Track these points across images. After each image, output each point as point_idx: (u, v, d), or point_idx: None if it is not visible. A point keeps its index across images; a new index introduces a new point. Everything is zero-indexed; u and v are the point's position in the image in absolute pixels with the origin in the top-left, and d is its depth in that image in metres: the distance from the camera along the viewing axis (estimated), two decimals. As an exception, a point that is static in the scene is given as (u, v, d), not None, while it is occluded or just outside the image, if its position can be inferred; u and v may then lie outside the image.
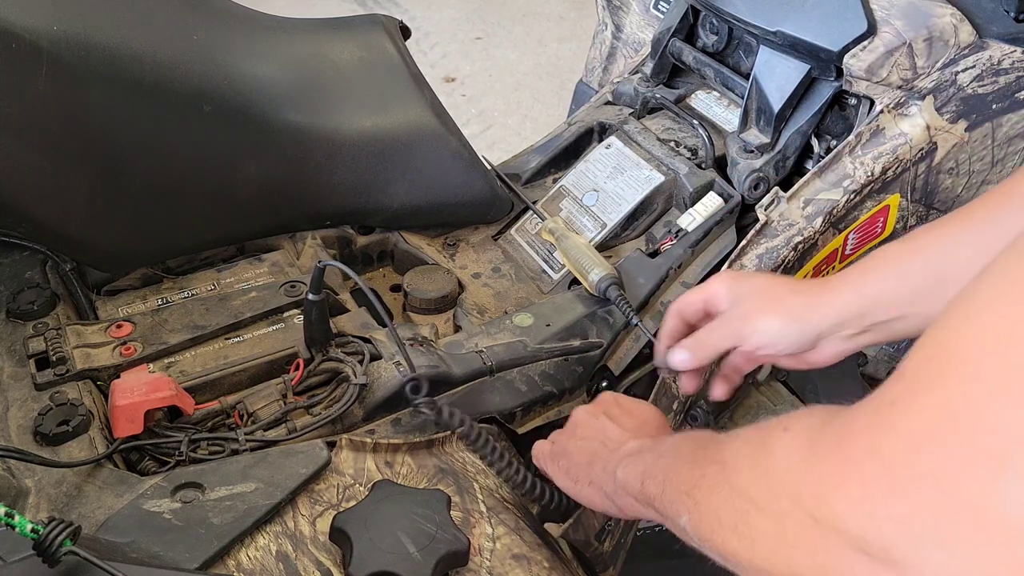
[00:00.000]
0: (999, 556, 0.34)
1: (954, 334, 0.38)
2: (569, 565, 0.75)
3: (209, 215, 0.95)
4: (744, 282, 0.80)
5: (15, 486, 0.68)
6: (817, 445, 0.45)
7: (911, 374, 0.40)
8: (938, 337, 0.39)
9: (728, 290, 0.80)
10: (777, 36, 0.97)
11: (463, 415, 0.80)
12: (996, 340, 0.35)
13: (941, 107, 0.93)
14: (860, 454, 0.40)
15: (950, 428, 0.36)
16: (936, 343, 0.40)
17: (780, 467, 0.47)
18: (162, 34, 0.85)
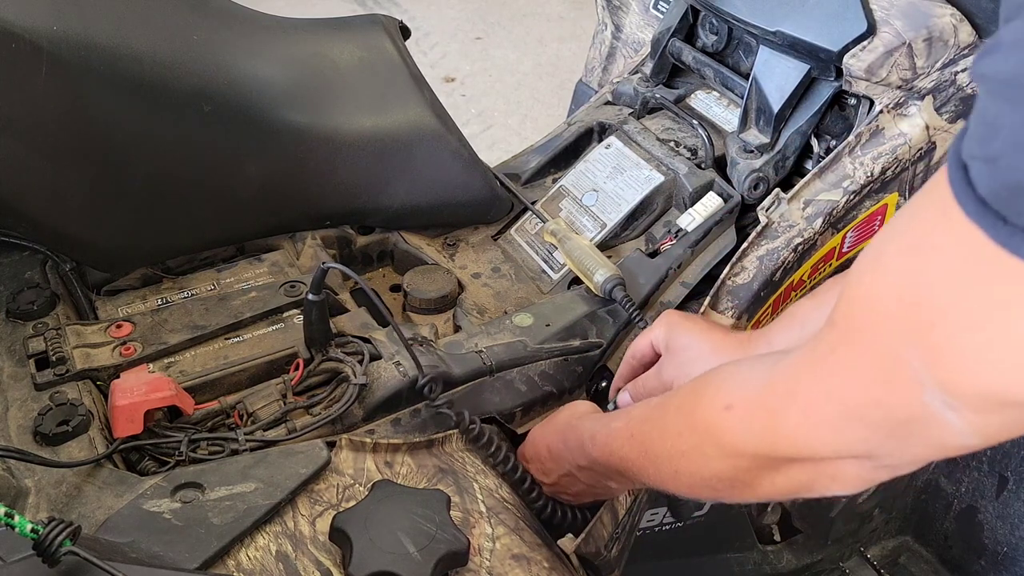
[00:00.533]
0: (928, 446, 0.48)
1: (868, 287, 0.47)
2: (569, 565, 0.75)
3: (209, 215, 0.95)
4: (682, 329, 0.83)
5: (15, 486, 0.68)
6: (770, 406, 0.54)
7: (841, 325, 0.49)
8: (856, 289, 0.48)
9: (667, 335, 0.84)
10: (777, 36, 0.97)
11: (472, 415, 0.81)
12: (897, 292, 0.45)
13: (940, 107, 0.93)
14: (816, 398, 0.51)
15: (879, 367, 0.46)
16: (854, 295, 0.48)
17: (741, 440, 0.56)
18: (162, 34, 0.85)
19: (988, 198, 0.39)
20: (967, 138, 0.41)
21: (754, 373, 0.57)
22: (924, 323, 0.43)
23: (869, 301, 0.47)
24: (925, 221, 0.44)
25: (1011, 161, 0.38)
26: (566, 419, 0.81)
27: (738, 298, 0.94)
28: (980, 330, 0.41)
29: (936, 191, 0.42)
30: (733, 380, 0.59)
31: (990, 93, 0.40)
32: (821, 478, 0.54)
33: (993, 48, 0.40)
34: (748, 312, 0.94)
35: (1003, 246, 0.38)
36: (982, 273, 0.40)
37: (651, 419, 0.67)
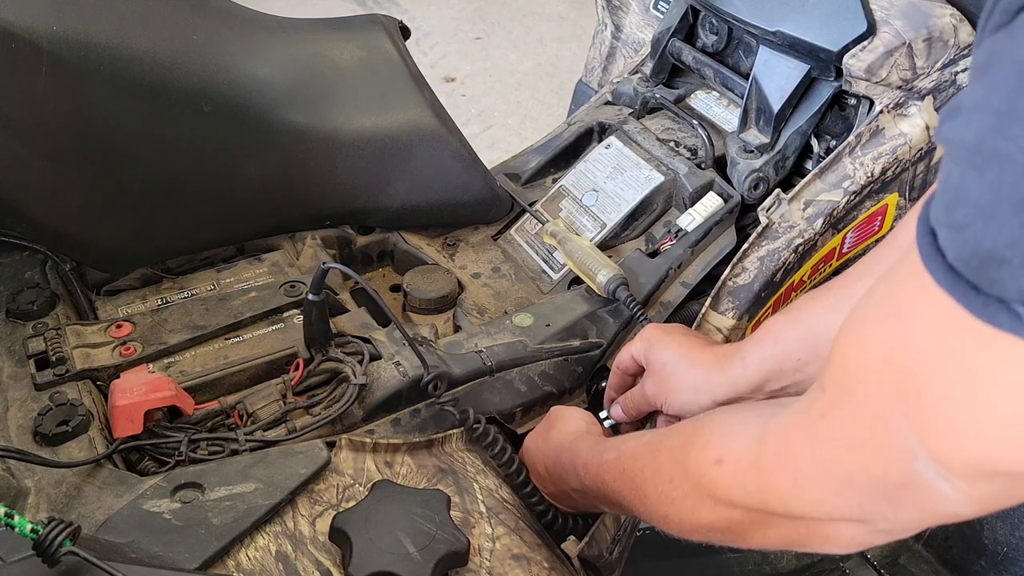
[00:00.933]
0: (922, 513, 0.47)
1: (854, 354, 0.48)
2: (569, 566, 0.75)
3: (209, 215, 0.95)
4: (661, 345, 0.83)
5: (15, 486, 0.68)
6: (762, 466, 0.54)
7: (831, 391, 0.49)
8: (843, 356, 0.48)
9: (646, 350, 0.84)
10: (777, 36, 0.97)
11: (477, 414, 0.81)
12: (883, 360, 0.45)
13: (941, 107, 0.93)
14: (807, 463, 0.51)
15: (869, 435, 0.46)
16: (842, 361, 0.48)
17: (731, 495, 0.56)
18: (162, 34, 0.85)
19: (958, 266, 0.38)
20: (934, 203, 0.40)
21: (745, 428, 0.57)
22: (911, 392, 0.43)
23: (856, 368, 0.47)
24: (903, 286, 0.44)
25: (978, 230, 0.36)
26: (559, 439, 0.80)
27: (739, 299, 0.94)
28: (964, 400, 0.41)
29: (912, 256, 0.42)
30: (724, 432, 0.59)
31: (954, 158, 0.39)
32: (814, 537, 0.54)
33: (954, 112, 0.39)
34: (749, 313, 0.94)
35: (977, 316, 0.37)
36: (960, 343, 0.39)
37: (643, 457, 0.67)
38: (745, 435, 0.56)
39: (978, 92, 0.37)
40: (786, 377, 0.77)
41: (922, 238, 0.40)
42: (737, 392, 0.79)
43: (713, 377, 0.79)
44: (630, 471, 0.67)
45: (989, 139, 0.36)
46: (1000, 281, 0.36)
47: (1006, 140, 0.35)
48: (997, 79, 0.36)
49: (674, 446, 0.63)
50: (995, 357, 0.38)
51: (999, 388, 0.39)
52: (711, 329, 0.93)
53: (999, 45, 0.37)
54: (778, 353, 0.76)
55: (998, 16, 0.37)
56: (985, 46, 0.38)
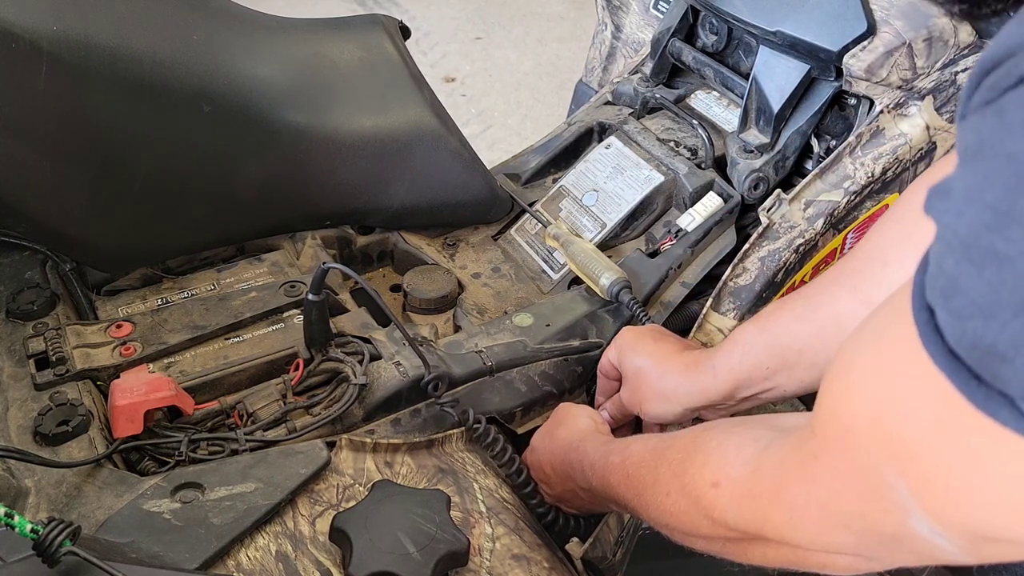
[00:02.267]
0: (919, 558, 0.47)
1: (840, 403, 0.47)
2: (569, 566, 0.75)
3: (209, 215, 0.95)
4: (633, 353, 0.85)
5: (15, 486, 0.68)
6: (757, 496, 0.54)
7: (821, 433, 0.49)
8: (830, 401, 0.48)
9: (620, 356, 0.86)
10: (777, 36, 0.97)
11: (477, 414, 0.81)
12: (872, 417, 0.44)
13: (941, 107, 0.93)
14: (801, 501, 0.51)
15: (862, 485, 0.46)
16: (830, 407, 0.48)
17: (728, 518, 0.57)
18: (162, 34, 0.85)
19: (959, 351, 0.36)
20: (928, 280, 0.38)
21: (741, 453, 0.57)
22: (904, 455, 0.42)
23: (844, 418, 0.46)
24: (893, 345, 0.42)
25: (978, 326, 0.35)
26: (568, 437, 0.80)
27: (740, 299, 0.94)
28: (964, 475, 0.40)
29: (903, 316, 0.40)
30: (720, 455, 0.59)
31: (947, 245, 0.37)
32: (811, 563, 0.54)
33: (944, 193, 0.37)
34: (751, 313, 0.94)
35: (979, 408, 0.36)
36: (958, 425, 0.38)
37: (645, 465, 0.67)
38: (741, 461, 0.57)
39: (969, 179, 0.36)
40: (755, 385, 0.78)
41: (919, 313, 0.39)
42: (708, 400, 0.80)
43: (684, 386, 0.80)
44: (634, 476, 0.68)
45: (985, 236, 0.34)
46: (1003, 377, 0.35)
47: (1004, 241, 0.34)
48: (989, 170, 0.35)
49: (673, 460, 0.63)
50: (997, 448, 0.37)
51: (1003, 476, 0.38)
52: (712, 330, 0.93)
53: (989, 129, 0.35)
54: (747, 362, 0.77)
55: (985, 92, 0.36)
56: (972, 124, 0.37)
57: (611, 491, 0.71)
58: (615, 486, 0.70)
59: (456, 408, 0.82)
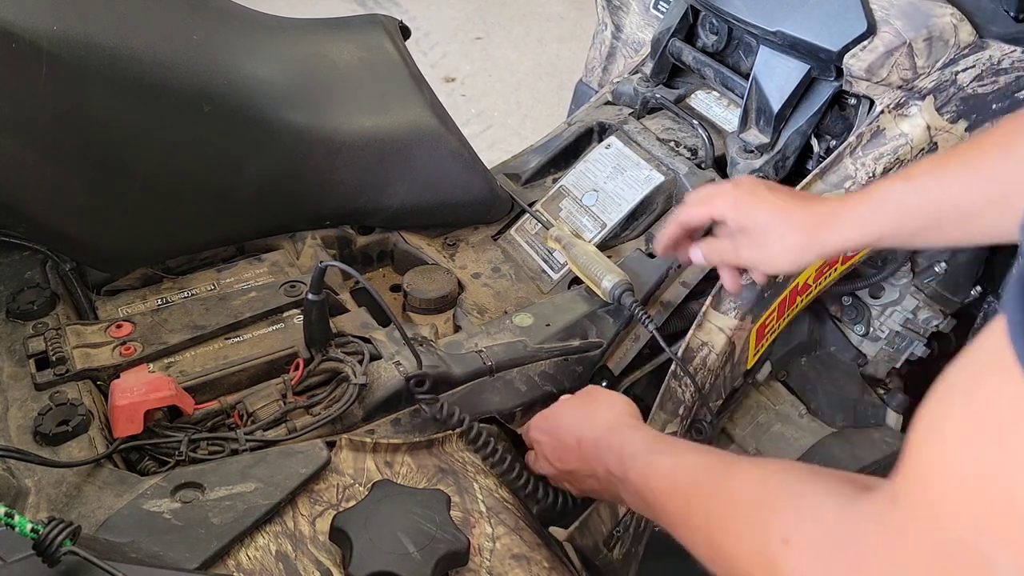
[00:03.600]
0: None
1: (933, 468, 0.42)
2: (569, 565, 0.75)
3: (209, 215, 0.95)
4: (756, 210, 0.82)
5: (15, 486, 0.68)
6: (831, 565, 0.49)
7: (905, 503, 0.45)
8: (918, 467, 0.44)
9: (736, 213, 0.83)
10: (777, 36, 0.97)
11: (463, 414, 0.81)
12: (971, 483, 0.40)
13: (941, 107, 0.93)
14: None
15: (952, 559, 0.41)
16: (918, 473, 0.44)
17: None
18: (162, 34, 0.85)
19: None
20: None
21: (819, 513, 0.53)
22: (1009, 519, 0.38)
23: (933, 486, 0.42)
24: (993, 397, 0.39)
25: None
26: (609, 419, 0.78)
27: (741, 299, 0.93)
28: None
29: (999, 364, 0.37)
30: (796, 511, 0.54)
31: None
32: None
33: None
34: (752, 314, 0.94)
35: None
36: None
37: (701, 487, 0.63)
38: (818, 522, 0.52)
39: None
40: (899, 239, 0.77)
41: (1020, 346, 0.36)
42: (844, 249, 0.80)
43: (820, 235, 0.79)
44: (683, 493, 0.64)
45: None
46: None
47: None
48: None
49: (738, 498, 0.59)
50: None
51: None
52: (712, 328, 0.93)
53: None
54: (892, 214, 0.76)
55: None
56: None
57: (648, 492, 0.67)
58: (656, 491, 0.66)
59: (434, 407, 0.81)
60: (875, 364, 1.18)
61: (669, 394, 0.93)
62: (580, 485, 0.79)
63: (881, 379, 1.19)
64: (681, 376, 0.92)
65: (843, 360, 1.16)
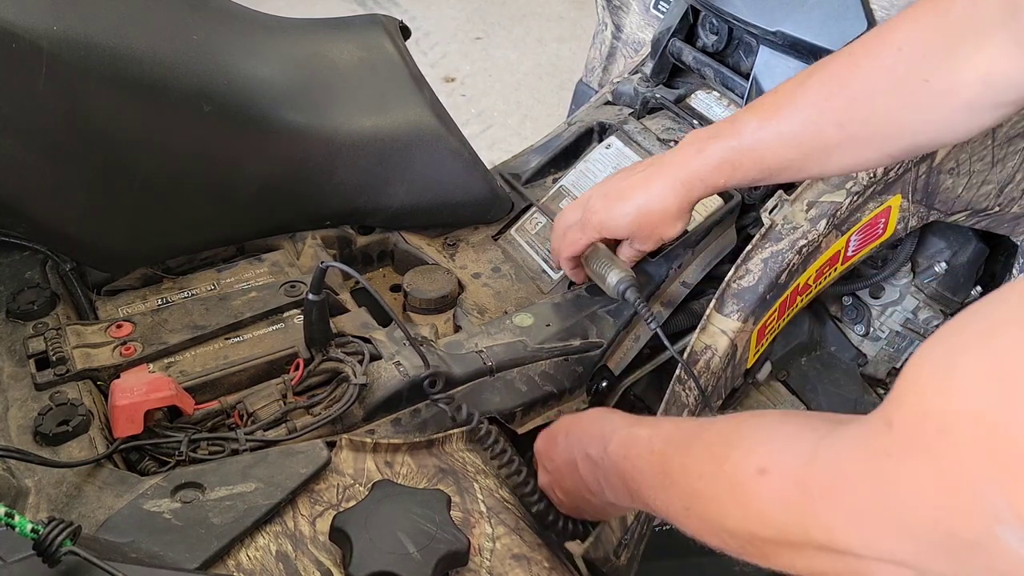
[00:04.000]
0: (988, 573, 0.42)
1: (937, 404, 0.42)
2: (569, 566, 0.75)
3: (209, 215, 0.95)
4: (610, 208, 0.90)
5: (15, 486, 0.68)
6: (810, 489, 0.49)
7: (901, 432, 0.44)
8: (921, 401, 0.43)
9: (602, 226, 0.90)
10: (777, 36, 0.97)
11: (481, 415, 0.81)
12: (976, 423, 0.40)
13: (941, 107, 0.93)
14: (865, 502, 0.46)
15: (947, 493, 0.42)
16: (920, 407, 0.44)
17: (769, 511, 0.52)
18: (162, 34, 0.85)
19: None
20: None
21: (796, 442, 0.52)
22: (1009, 459, 0.39)
23: (939, 417, 0.42)
24: (1013, 342, 0.39)
25: None
26: (598, 412, 0.78)
27: (743, 301, 0.93)
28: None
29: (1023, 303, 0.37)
30: (771, 442, 0.54)
31: None
32: (849, 575, 0.49)
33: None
34: (755, 315, 0.94)
35: None
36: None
37: (677, 443, 0.62)
38: (795, 450, 0.52)
39: None
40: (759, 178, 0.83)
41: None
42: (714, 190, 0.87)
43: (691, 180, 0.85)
44: (659, 452, 0.63)
45: None
46: None
47: None
48: None
49: (714, 441, 0.59)
50: None
51: None
52: (716, 332, 0.93)
53: None
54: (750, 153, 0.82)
55: None
56: None
57: (627, 463, 0.66)
58: (634, 458, 0.65)
59: (452, 405, 0.81)
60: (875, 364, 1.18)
61: (674, 398, 0.93)
62: (563, 484, 0.78)
63: (881, 379, 1.19)
64: (685, 380, 0.92)
65: (843, 360, 1.17)
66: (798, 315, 1.07)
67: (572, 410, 0.94)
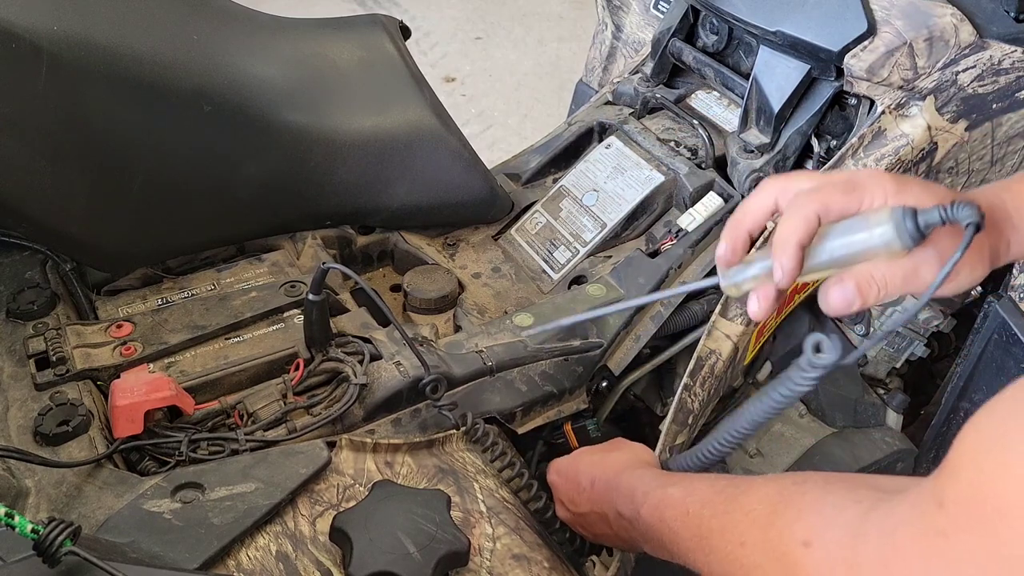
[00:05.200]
0: None
1: (994, 481, 0.41)
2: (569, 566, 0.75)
3: (209, 215, 0.95)
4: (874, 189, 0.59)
5: (15, 486, 0.68)
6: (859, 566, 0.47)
7: (955, 509, 0.42)
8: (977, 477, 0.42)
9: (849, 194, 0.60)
10: (777, 36, 0.97)
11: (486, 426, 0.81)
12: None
13: (942, 107, 0.93)
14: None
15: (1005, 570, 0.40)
16: (975, 483, 0.42)
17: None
18: (162, 34, 0.85)
19: None
20: None
21: (841, 513, 0.51)
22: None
23: (996, 500, 0.40)
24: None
25: None
26: (624, 462, 0.75)
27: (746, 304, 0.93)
28: None
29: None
30: (816, 512, 0.52)
31: None
32: None
33: None
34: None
35: None
36: None
37: (714, 506, 0.61)
38: (841, 522, 0.50)
39: None
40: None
41: None
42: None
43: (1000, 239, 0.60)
44: (696, 516, 0.61)
45: None
46: None
47: None
48: None
49: (756, 510, 0.57)
50: None
51: None
52: (721, 336, 0.93)
53: None
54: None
55: None
56: None
57: (661, 526, 0.65)
58: (669, 521, 0.64)
59: (455, 412, 0.82)
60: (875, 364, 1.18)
61: (680, 405, 0.92)
62: (592, 529, 0.77)
63: (881, 379, 1.19)
64: (691, 387, 0.91)
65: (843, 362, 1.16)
66: (798, 315, 1.06)
67: (572, 410, 0.94)
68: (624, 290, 0.97)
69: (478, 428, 0.80)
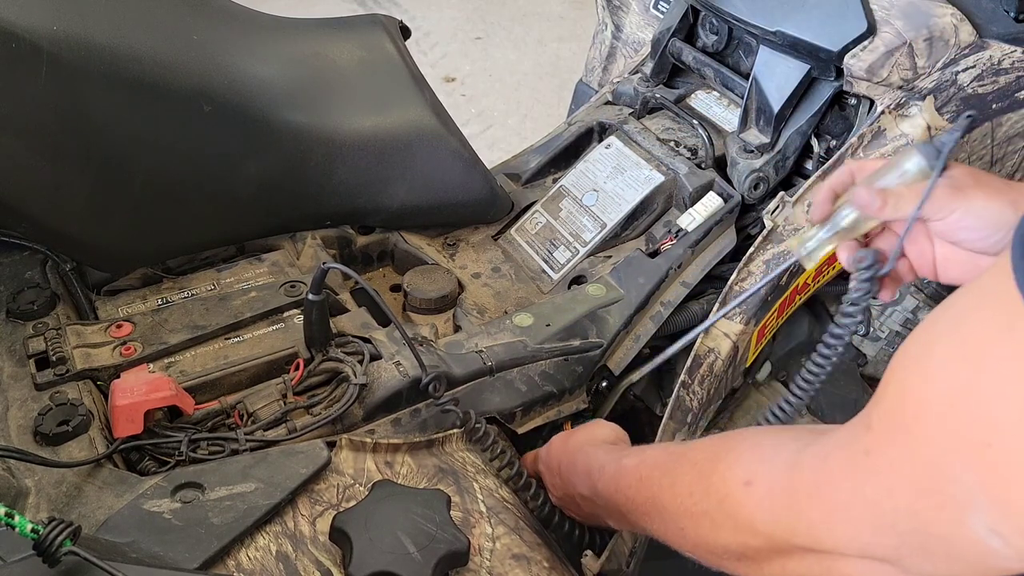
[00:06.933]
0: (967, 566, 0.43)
1: (914, 392, 0.44)
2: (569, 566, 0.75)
3: (209, 215, 0.95)
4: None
5: (15, 486, 0.68)
6: (795, 493, 0.50)
7: (879, 427, 0.46)
8: (900, 392, 0.45)
9: None
10: (777, 36, 0.97)
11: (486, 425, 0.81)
12: (948, 403, 0.41)
13: (942, 107, 0.93)
14: (846, 497, 0.47)
15: (921, 478, 0.43)
16: (898, 398, 0.45)
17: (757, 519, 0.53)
18: (162, 34, 0.85)
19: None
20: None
21: (779, 452, 0.53)
22: (979, 440, 0.39)
23: (915, 405, 0.43)
24: (984, 326, 0.40)
25: None
26: (583, 440, 0.78)
27: (746, 303, 0.93)
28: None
29: (997, 292, 0.38)
30: (756, 454, 0.55)
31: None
32: (835, 574, 0.50)
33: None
34: (756, 317, 0.94)
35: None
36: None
37: (663, 466, 0.63)
38: (779, 460, 0.53)
39: None
40: None
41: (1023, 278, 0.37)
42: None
43: None
44: (648, 479, 0.64)
45: None
46: None
47: None
48: None
49: (699, 459, 0.60)
50: None
51: None
52: (719, 335, 0.93)
53: None
54: None
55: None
56: None
57: (618, 496, 0.67)
58: (624, 489, 0.66)
59: (456, 409, 0.82)
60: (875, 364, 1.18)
61: (678, 403, 0.93)
62: (575, 511, 0.79)
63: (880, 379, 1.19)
64: (689, 385, 0.92)
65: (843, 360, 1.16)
66: (798, 315, 1.06)
67: (572, 410, 0.94)
68: (624, 290, 0.97)
69: (479, 427, 0.80)
